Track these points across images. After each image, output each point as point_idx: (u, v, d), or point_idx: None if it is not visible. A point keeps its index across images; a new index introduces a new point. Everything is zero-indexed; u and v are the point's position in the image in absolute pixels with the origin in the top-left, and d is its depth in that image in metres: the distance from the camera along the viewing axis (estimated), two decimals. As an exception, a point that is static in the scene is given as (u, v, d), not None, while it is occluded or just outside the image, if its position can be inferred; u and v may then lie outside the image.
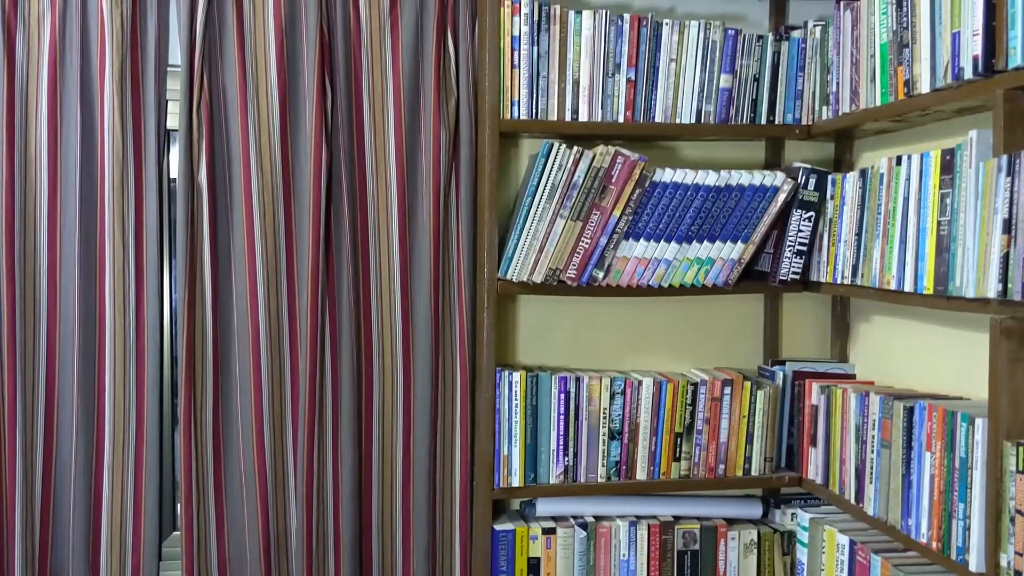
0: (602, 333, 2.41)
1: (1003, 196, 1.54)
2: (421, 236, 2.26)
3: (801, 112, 2.27)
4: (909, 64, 1.85)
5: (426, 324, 2.26)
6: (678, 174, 2.15)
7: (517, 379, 2.19)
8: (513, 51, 2.16)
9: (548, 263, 2.14)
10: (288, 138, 2.22)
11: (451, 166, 2.28)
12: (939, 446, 1.76)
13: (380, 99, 2.26)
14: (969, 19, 1.66)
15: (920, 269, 1.80)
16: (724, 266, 2.21)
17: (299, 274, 2.23)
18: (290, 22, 2.20)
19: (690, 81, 2.22)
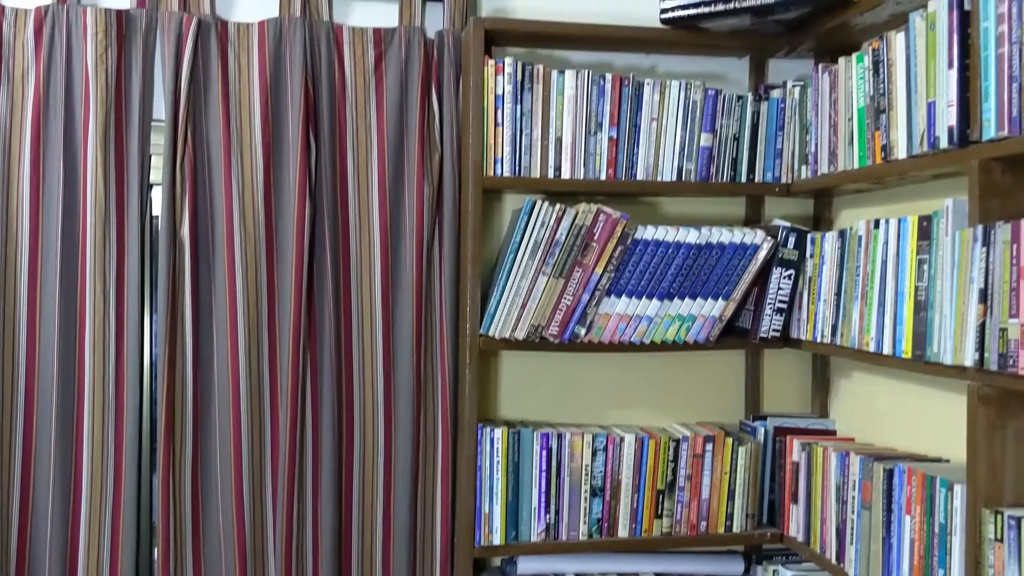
0: (584, 388, 2.42)
1: (979, 266, 1.56)
2: (404, 291, 2.27)
3: (781, 171, 2.30)
4: (886, 129, 1.89)
5: (408, 380, 2.26)
6: (659, 231, 2.17)
7: (499, 435, 2.18)
8: (497, 109, 2.18)
9: (531, 320, 2.15)
10: (272, 193, 2.23)
11: (434, 222, 2.28)
12: (919, 510, 1.77)
13: (364, 155, 2.27)
14: (944, 90, 1.69)
15: (898, 333, 1.81)
16: (705, 323, 2.22)
17: (280, 330, 2.23)
18: (275, 78, 2.22)
19: (671, 140, 2.25)
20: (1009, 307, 1.49)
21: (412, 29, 2.28)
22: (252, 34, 2.22)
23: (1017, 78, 1.51)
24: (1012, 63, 1.52)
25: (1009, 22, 1.53)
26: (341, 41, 2.26)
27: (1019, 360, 1.47)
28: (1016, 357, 1.47)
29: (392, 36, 2.27)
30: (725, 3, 2.12)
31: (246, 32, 2.22)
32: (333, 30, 2.25)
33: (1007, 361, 1.49)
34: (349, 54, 2.26)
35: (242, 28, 2.22)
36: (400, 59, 2.27)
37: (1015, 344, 1.48)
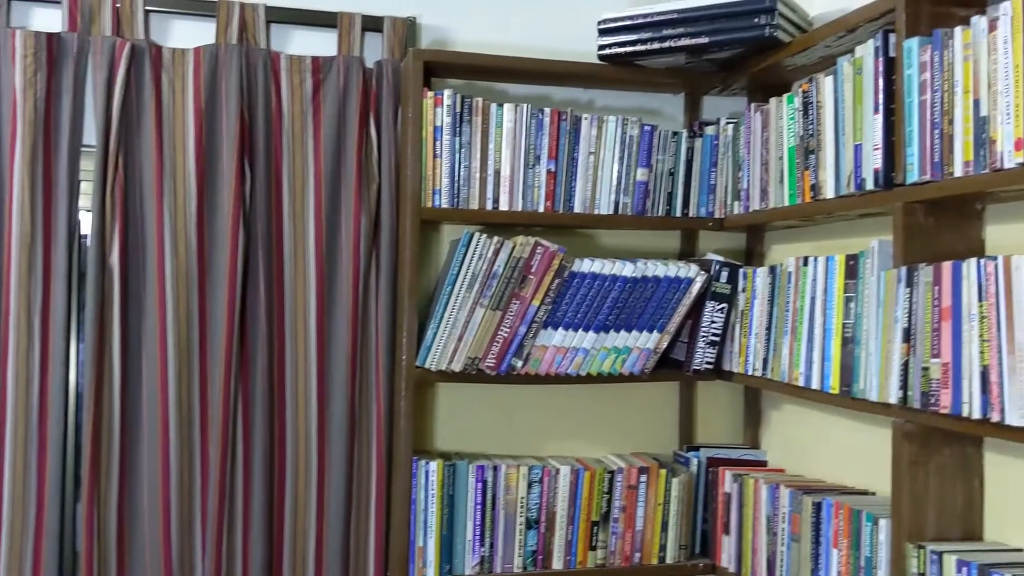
0: (521, 419, 2.42)
1: (903, 306, 1.61)
2: (339, 322, 2.25)
3: (714, 206, 2.34)
4: (815, 169, 1.93)
5: (342, 411, 2.24)
6: (596, 264, 2.19)
7: (434, 468, 2.17)
8: (435, 140, 2.18)
9: (467, 352, 2.15)
10: (204, 221, 2.20)
11: (371, 252, 2.27)
12: (845, 544, 1.80)
13: (300, 183, 2.25)
14: (870, 133, 1.74)
15: (827, 368, 1.85)
16: (640, 355, 2.24)
17: (212, 359, 2.19)
18: (210, 105, 2.19)
19: (608, 174, 2.28)
20: (931, 347, 1.54)
21: (351, 58, 2.27)
22: (187, 60, 2.19)
23: (939, 124, 1.57)
24: (934, 110, 1.58)
25: (931, 71, 1.58)
26: (278, 69, 2.24)
27: (940, 399, 1.51)
28: (938, 396, 1.52)
29: (330, 65, 2.27)
30: (661, 42, 2.16)
31: (181, 58, 2.19)
32: (270, 58, 2.24)
33: (929, 399, 1.54)
34: (286, 82, 2.25)
35: (177, 54, 2.19)
36: (338, 88, 2.26)
37: (937, 383, 1.52)
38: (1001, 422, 1.39)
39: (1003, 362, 1.39)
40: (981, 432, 1.45)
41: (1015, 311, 1.37)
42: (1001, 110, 1.43)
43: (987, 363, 1.42)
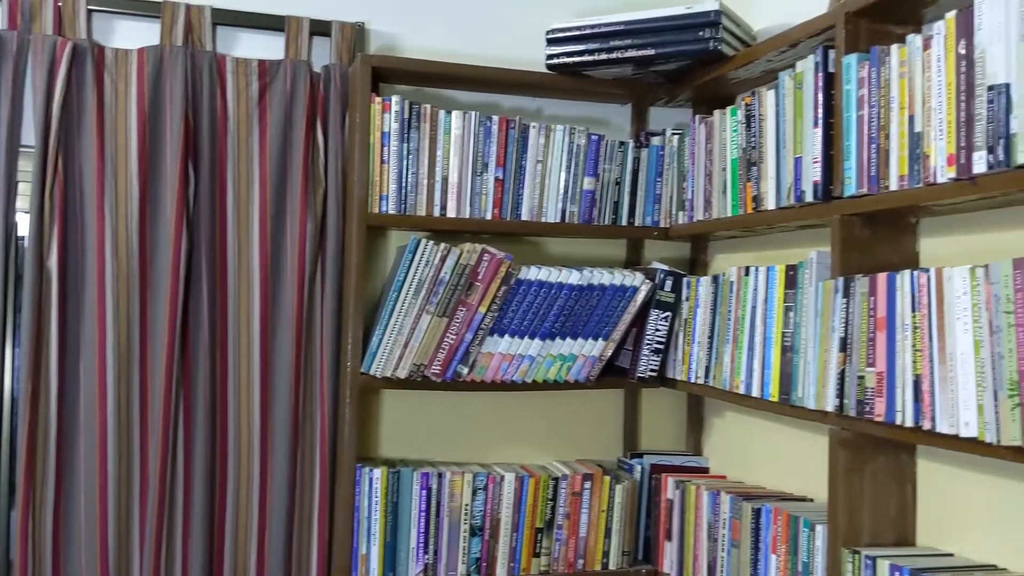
0: (466, 426, 2.42)
1: (840, 316, 1.65)
2: (283, 328, 2.23)
3: (659, 216, 2.37)
4: (757, 181, 1.97)
5: (285, 418, 2.22)
6: (543, 272, 2.20)
7: (378, 475, 2.16)
8: (383, 146, 2.18)
9: (413, 359, 2.14)
10: (147, 224, 2.16)
11: (316, 257, 2.26)
12: (783, 549, 1.83)
13: (245, 187, 2.23)
14: (810, 147, 1.78)
15: (766, 376, 1.89)
16: (586, 362, 2.26)
17: (153, 365, 2.16)
18: (153, 107, 2.16)
19: (555, 182, 2.29)
20: (867, 356, 1.57)
21: (298, 62, 2.26)
22: (131, 61, 2.16)
23: (875, 139, 1.61)
24: (871, 125, 1.62)
25: (869, 87, 1.62)
26: (224, 72, 2.22)
27: (875, 407, 1.55)
28: (872, 404, 1.55)
29: (277, 68, 2.25)
30: (608, 52, 2.18)
31: (124, 59, 2.16)
32: (216, 60, 2.22)
33: (864, 407, 1.57)
34: (232, 85, 2.23)
35: (120, 54, 2.16)
36: (285, 92, 2.24)
37: (872, 392, 1.56)
38: (932, 430, 1.42)
39: (935, 372, 1.43)
40: (913, 440, 1.49)
41: (946, 322, 1.41)
42: (934, 126, 1.47)
43: (919, 372, 1.46)
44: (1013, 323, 1.28)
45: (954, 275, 1.40)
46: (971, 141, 1.39)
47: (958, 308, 1.38)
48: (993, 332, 1.32)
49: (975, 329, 1.35)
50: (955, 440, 1.38)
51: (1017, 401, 1.27)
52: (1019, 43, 1.30)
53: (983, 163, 1.36)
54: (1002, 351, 1.30)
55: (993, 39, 1.35)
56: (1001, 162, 1.33)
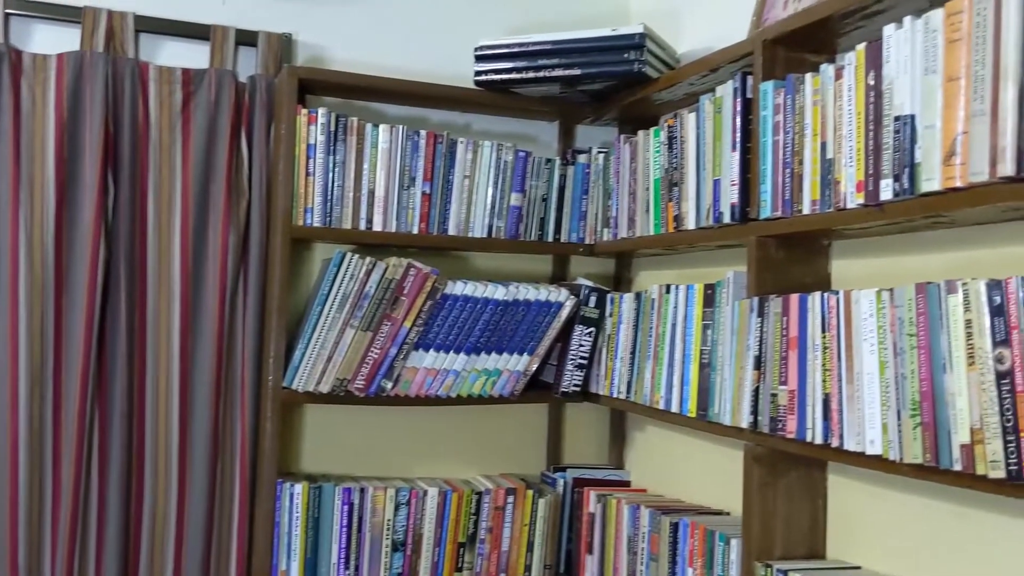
0: (390, 440, 2.41)
1: (754, 335, 1.69)
2: (204, 340, 2.19)
3: (585, 232, 2.40)
4: (678, 201, 2.01)
5: (205, 432, 2.18)
6: (469, 287, 2.21)
7: (299, 491, 2.14)
8: (308, 159, 2.17)
9: (336, 373, 2.13)
10: (63, 234, 2.11)
11: (239, 269, 2.23)
12: (700, 563, 1.87)
13: (166, 197, 2.19)
14: (728, 169, 1.83)
15: (685, 392, 1.92)
16: (510, 377, 2.27)
17: (67, 376, 2.10)
18: (72, 114, 2.11)
19: (482, 197, 2.31)
20: (779, 374, 1.62)
21: (223, 72, 2.23)
22: (49, 67, 2.11)
23: (790, 164, 1.66)
24: (785, 150, 1.67)
25: (784, 113, 1.67)
26: (147, 79, 2.19)
27: (787, 424, 1.59)
28: (785, 421, 1.60)
29: (202, 77, 2.22)
30: (535, 71, 2.21)
31: (43, 64, 2.11)
32: (138, 67, 2.18)
33: (777, 424, 1.62)
34: (155, 93, 2.19)
35: (39, 60, 2.11)
36: (209, 101, 2.21)
37: (784, 409, 1.60)
38: (840, 447, 1.47)
39: (843, 391, 1.47)
40: (823, 456, 1.53)
41: (854, 343, 1.46)
42: (845, 153, 1.52)
43: (829, 391, 1.50)
44: (916, 345, 1.33)
45: (861, 298, 1.45)
46: (879, 169, 1.44)
47: (865, 330, 1.43)
48: (897, 354, 1.37)
49: (880, 350, 1.40)
50: (861, 457, 1.43)
51: (919, 420, 1.32)
52: (924, 76, 1.36)
53: (889, 191, 1.42)
54: (905, 372, 1.35)
55: (900, 72, 1.40)
56: (906, 190, 1.38)
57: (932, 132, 1.34)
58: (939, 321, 1.29)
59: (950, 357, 1.27)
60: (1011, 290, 1.18)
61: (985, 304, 1.21)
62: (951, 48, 1.31)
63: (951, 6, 1.31)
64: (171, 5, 2.24)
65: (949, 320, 1.27)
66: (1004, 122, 1.21)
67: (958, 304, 1.26)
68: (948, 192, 1.31)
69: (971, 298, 1.24)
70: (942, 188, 1.31)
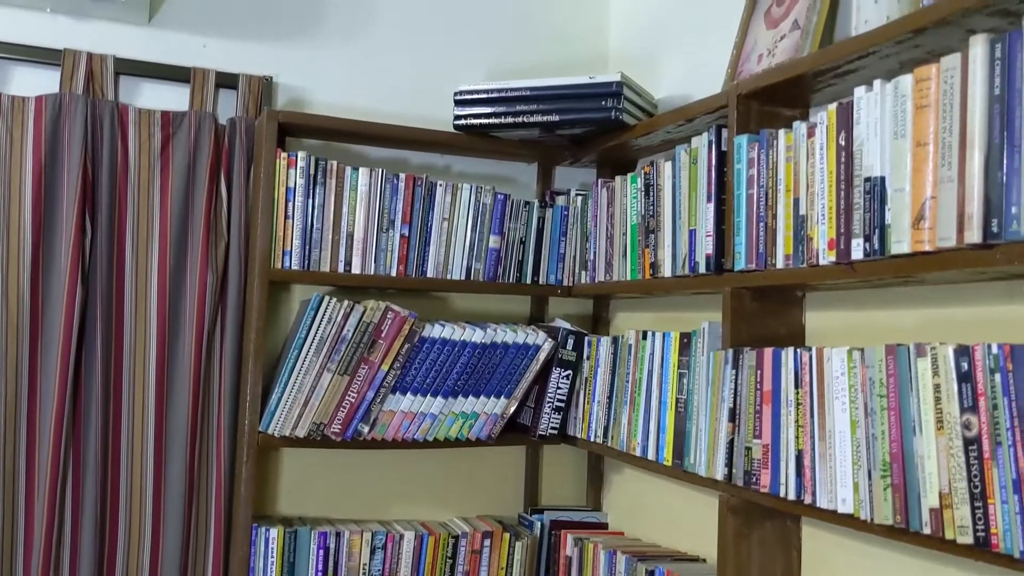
0: (367, 482, 2.41)
1: (729, 387, 1.70)
2: (180, 383, 2.18)
3: (563, 274, 2.41)
4: (654, 248, 2.03)
5: (180, 475, 2.17)
6: (446, 330, 2.21)
7: (274, 535, 2.13)
8: (288, 202, 2.17)
9: (312, 418, 2.13)
10: (40, 276, 2.10)
11: (216, 312, 2.23)
12: (675, 612, 1.87)
13: (145, 239, 2.19)
14: (703, 220, 1.85)
15: (661, 440, 1.93)
16: (488, 420, 2.27)
17: (42, 419, 2.09)
18: (51, 156, 2.11)
19: (461, 240, 2.31)
20: (754, 428, 1.63)
21: (203, 114, 2.24)
22: (28, 108, 2.11)
23: (763, 218, 1.68)
24: (759, 204, 1.69)
25: (758, 167, 1.70)
26: (126, 122, 2.19)
27: (761, 478, 1.60)
28: (759, 475, 1.61)
29: (182, 120, 2.22)
30: (514, 116, 2.23)
31: (22, 106, 2.11)
32: (118, 110, 2.18)
33: (751, 478, 1.62)
34: (134, 135, 2.19)
35: (17, 101, 2.11)
36: (188, 143, 2.22)
37: (758, 463, 1.61)
38: (813, 504, 1.48)
39: (815, 448, 1.49)
40: (796, 511, 1.54)
41: (826, 400, 1.47)
42: (817, 211, 1.54)
43: (801, 448, 1.52)
44: (886, 406, 1.35)
45: (833, 356, 1.46)
46: (850, 228, 1.46)
47: (837, 388, 1.45)
48: (868, 414, 1.38)
49: (852, 409, 1.42)
50: (834, 515, 1.44)
51: (889, 482, 1.33)
52: (893, 140, 1.38)
53: (860, 250, 1.43)
54: (876, 432, 1.36)
55: (870, 134, 1.43)
56: (877, 251, 1.40)
57: (902, 195, 1.36)
58: (909, 384, 1.31)
59: (919, 420, 1.28)
60: (978, 357, 1.20)
61: (953, 370, 1.23)
62: (920, 114, 1.33)
63: (919, 72, 1.34)
64: (152, 48, 2.24)
65: (918, 383, 1.29)
66: (971, 189, 1.23)
67: (927, 368, 1.27)
68: (917, 255, 1.33)
69: (939, 363, 1.25)
70: (911, 251, 1.33)
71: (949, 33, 1.37)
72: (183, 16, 2.28)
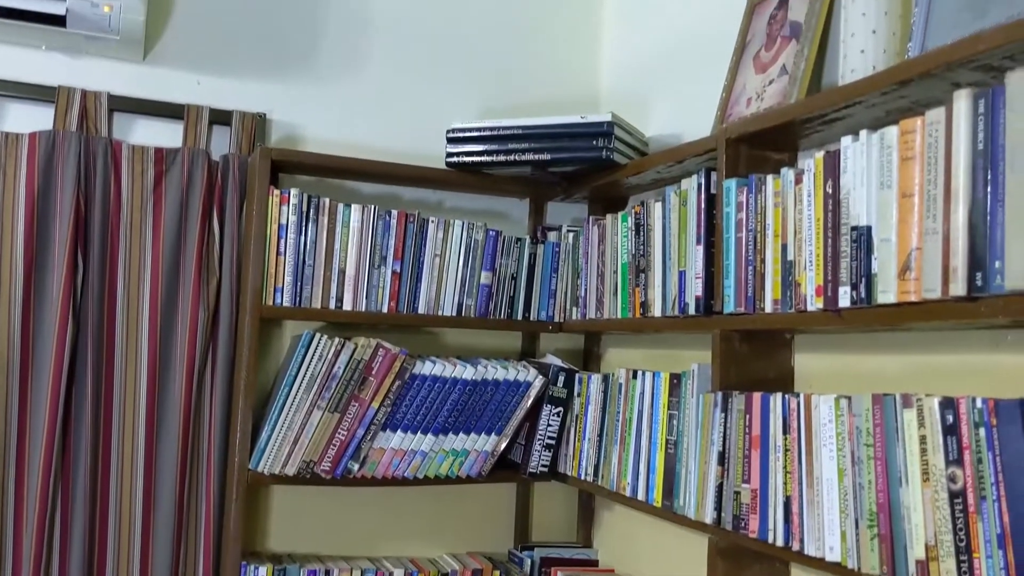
0: (357, 518, 2.40)
1: (718, 430, 1.71)
2: (170, 420, 2.18)
3: (554, 310, 2.42)
4: (645, 288, 2.03)
5: (169, 513, 2.16)
6: (437, 367, 2.22)
7: (264, 573, 2.12)
8: (280, 239, 2.17)
9: (302, 455, 2.12)
10: (31, 312, 2.10)
11: (208, 348, 2.23)
12: (664, 655, 1.86)
13: (136, 275, 2.19)
14: (693, 262, 1.85)
15: (651, 481, 1.93)
16: (478, 458, 2.27)
17: (31, 456, 2.08)
18: (44, 192, 2.12)
19: (453, 276, 2.32)
20: (743, 472, 1.63)
21: (196, 150, 2.25)
22: (22, 145, 2.12)
23: (752, 262, 1.68)
24: (748, 248, 1.70)
25: (747, 211, 1.71)
26: (119, 158, 2.20)
27: (749, 523, 1.60)
28: (747, 520, 1.61)
29: (175, 156, 2.23)
30: (506, 154, 2.24)
31: (15, 143, 2.12)
32: (111, 146, 2.19)
33: (740, 523, 1.62)
34: (127, 172, 2.20)
35: (12, 138, 2.12)
36: (181, 180, 2.23)
37: (747, 508, 1.61)
38: (801, 551, 1.48)
39: (803, 494, 1.49)
40: (785, 557, 1.54)
41: (814, 447, 1.48)
42: (805, 257, 1.55)
43: (790, 494, 1.52)
44: (873, 456, 1.35)
45: (821, 403, 1.47)
46: (837, 276, 1.47)
47: (824, 435, 1.45)
48: (855, 462, 1.39)
49: (839, 457, 1.42)
50: (821, 563, 1.44)
51: (876, 532, 1.33)
52: (880, 190, 1.39)
53: (847, 298, 1.44)
54: (863, 482, 1.37)
55: (857, 183, 1.44)
56: (863, 299, 1.41)
57: (888, 245, 1.37)
58: (895, 434, 1.31)
59: (906, 471, 1.29)
60: (962, 410, 1.20)
61: (938, 422, 1.24)
62: (905, 165, 1.35)
63: (905, 125, 1.35)
64: (146, 84, 2.26)
65: (904, 434, 1.29)
66: (956, 242, 1.24)
67: (913, 419, 1.28)
68: (903, 305, 1.34)
69: (925, 414, 1.26)
70: (897, 301, 1.34)
71: (934, 85, 1.39)
72: (178, 53, 2.29)
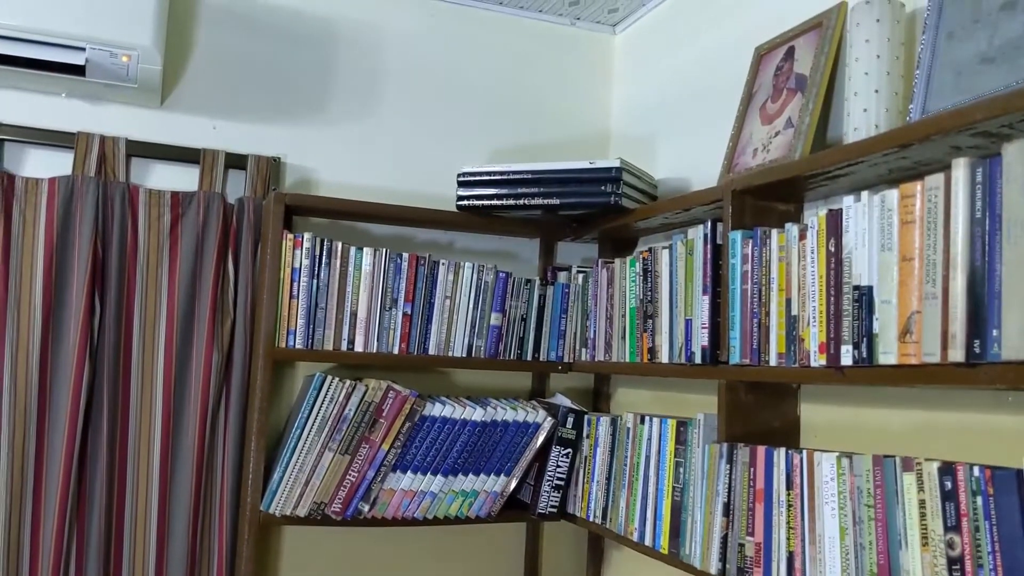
0: (367, 560, 2.42)
1: (724, 481, 1.72)
2: (184, 461, 2.21)
3: (563, 351, 2.44)
4: (652, 333, 2.05)
5: (182, 553, 2.19)
6: (447, 408, 2.24)
7: (274, 614, 2.14)
8: (293, 282, 2.21)
9: (313, 496, 2.15)
10: (49, 354, 2.14)
11: (221, 389, 2.26)
12: None
13: (152, 317, 2.23)
14: (699, 311, 1.87)
15: (658, 528, 1.94)
16: (487, 498, 2.29)
17: (47, 498, 2.12)
18: (62, 237, 2.16)
19: (463, 317, 2.34)
20: (747, 524, 1.64)
21: (212, 194, 2.29)
22: (41, 190, 2.16)
23: (757, 314, 1.70)
24: (753, 300, 1.71)
25: (752, 264, 1.72)
26: (136, 202, 2.24)
27: (754, 575, 1.61)
28: (751, 572, 1.62)
29: (190, 200, 2.28)
30: (516, 199, 2.27)
31: (35, 187, 2.16)
32: (129, 190, 2.23)
33: (744, 575, 1.63)
34: (144, 215, 2.24)
35: (31, 183, 2.16)
36: (197, 223, 2.27)
37: (751, 560, 1.62)
38: (803, 607, 1.49)
39: (806, 550, 1.50)
40: (788, 611, 1.55)
41: (816, 504, 1.49)
42: (808, 312, 1.57)
43: (792, 549, 1.53)
44: (873, 517, 1.36)
45: (823, 461, 1.48)
46: (839, 334, 1.48)
47: (827, 493, 1.46)
48: (856, 522, 1.40)
49: (841, 516, 1.43)
50: (824, 620, 1.45)
51: (876, 593, 1.34)
52: (880, 252, 1.41)
53: (850, 357, 1.46)
54: (864, 542, 1.38)
55: (858, 243, 1.46)
56: (865, 359, 1.42)
57: (888, 307, 1.38)
58: (895, 496, 1.32)
59: (905, 534, 1.30)
60: (960, 477, 1.21)
61: (937, 487, 1.25)
62: (905, 229, 1.36)
63: (905, 189, 1.37)
64: (163, 130, 2.30)
65: (904, 497, 1.30)
66: (954, 308, 1.26)
67: (912, 483, 1.29)
68: (904, 367, 1.35)
69: (924, 479, 1.27)
70: (898, 363, 1.35)
71: (935, 147, 1.40)
72: (194, 99, 2.34)
